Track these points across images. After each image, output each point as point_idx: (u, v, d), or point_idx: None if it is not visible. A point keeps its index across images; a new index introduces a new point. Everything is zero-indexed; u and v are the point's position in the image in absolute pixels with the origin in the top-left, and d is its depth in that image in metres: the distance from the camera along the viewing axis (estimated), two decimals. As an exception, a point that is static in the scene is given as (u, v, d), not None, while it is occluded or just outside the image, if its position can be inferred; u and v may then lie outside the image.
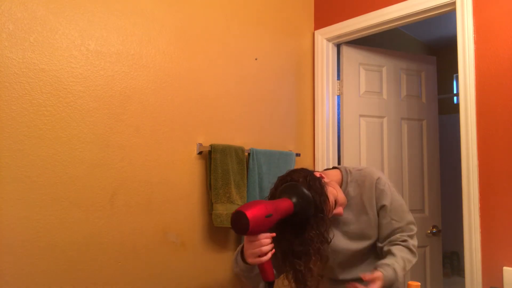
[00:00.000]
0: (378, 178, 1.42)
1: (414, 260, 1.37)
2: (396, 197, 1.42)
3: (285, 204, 1.15)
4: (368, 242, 1.43)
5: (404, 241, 1.37)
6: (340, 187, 1.44)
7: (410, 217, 1.43)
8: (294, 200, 1.17)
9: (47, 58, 1.46)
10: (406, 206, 1.44)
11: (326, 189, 1.25)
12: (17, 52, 1.39)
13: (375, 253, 1.46)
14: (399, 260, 1.30)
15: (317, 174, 1.32)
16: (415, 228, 1.42)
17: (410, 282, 1.17)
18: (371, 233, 1.42)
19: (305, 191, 1.18)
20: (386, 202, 1.40)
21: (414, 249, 1.38)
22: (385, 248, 1.38)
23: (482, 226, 1.71)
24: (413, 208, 2.53)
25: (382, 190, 1.40)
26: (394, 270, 1.27)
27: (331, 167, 1.61)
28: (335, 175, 1.47)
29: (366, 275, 1.22)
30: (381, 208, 1.40)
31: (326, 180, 1.32)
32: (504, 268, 1.64)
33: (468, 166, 1.76)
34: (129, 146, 1.65)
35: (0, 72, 1.35)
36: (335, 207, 1.31)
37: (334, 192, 1.31)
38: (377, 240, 1.44)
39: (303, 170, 1.30)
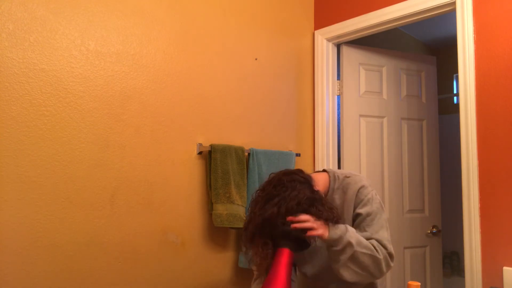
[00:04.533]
0: (361, 187, 1.32)
1: (375, 254, 1.20)
2: (376, 211, 1.29)
3: (286, 260, 1.15)
4: None
5: (370, 239, 1.24)
6: (327, 193, 1.38)
7: (387, 235, 1.28)
8: (288, 246, 1.17)
9: (47, 58, 1.46)
10: (386, 223, 1.30)
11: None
12: (17, 52, 1.39)
13: None
14: (357, 235, 1.21)
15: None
16: (391, 247, 1.25)
17: (410, 282, 1.17)
18: None
19: (290, 231, 1.15)
20: (363, 211, 1.29)
21: (378, 249, 1.22)
22: None
23: (482, 226, 1.71)
24: (413, 208, 2.54)
25: (362, 200, 1.30)
26: (346, 228, 1.20)
27: (321, 169, 1.55)
28: (322, 179, 1.39)
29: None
30: (356, 216, 1.30)
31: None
32: (504, 268, 1.64)
33: (468, 166, 1.76)
34: (129, 146, 1.65)
35: (0, 72, 1.35)
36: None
37: None
38: None
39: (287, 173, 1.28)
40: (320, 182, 1.38)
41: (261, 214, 1.18)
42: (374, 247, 1.22)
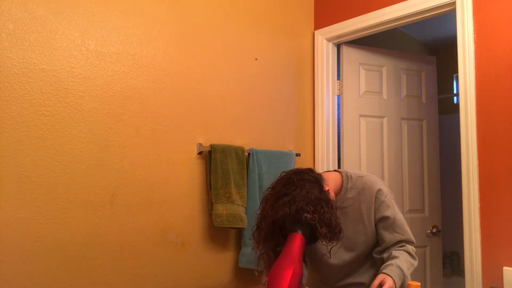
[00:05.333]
0: (380, 190, 1.38)
1: (415, 263, 1.35)
2: (397, 210, 1.40)
3: (299, 243, 1.15)
4: (357, 252, 1.41)
5: (402, 246, 1.36)
6: (339, 192, 1.41)
7: (409, 230, 1.41)
8: (300, 231, 1.17)
9: (47, 58, 1.46)
10: (402, 215, 1.43)
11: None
12: (17, 52, 1.39)
13: (366, 262, 1.44)
14: (403, 260, 1.30)
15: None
16: (414, 240, 1.42)
17: (410, 282, 1.17)
18: (362, 242, 1.40)
19: (305, 215, 1.16)
20: (389, 214, 1.37)
21: (413, 253, 1.37)
22: (385, 255, 1.37)
23: (482, 226, 1.71)
24: (413, 208, 2.54)
25: (383, 202, 1.37)
26: (399, 267, 1.26)
27: (332, 169, 1.58)
28: (334, 178, 1.43)
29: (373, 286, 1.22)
30: (382, 219, 1.38)
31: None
32: (504, 268, 1.64)
33: (468, 166, 1.76)
34: (129, 146, 1.65)
35: (0, 72, 1.35)
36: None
37: None
38: (374, 250, 1.42)
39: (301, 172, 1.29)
40: (332, 181, 1.41)
41: (272, 215, 1.20)
42: (411, 255, 1.35)
